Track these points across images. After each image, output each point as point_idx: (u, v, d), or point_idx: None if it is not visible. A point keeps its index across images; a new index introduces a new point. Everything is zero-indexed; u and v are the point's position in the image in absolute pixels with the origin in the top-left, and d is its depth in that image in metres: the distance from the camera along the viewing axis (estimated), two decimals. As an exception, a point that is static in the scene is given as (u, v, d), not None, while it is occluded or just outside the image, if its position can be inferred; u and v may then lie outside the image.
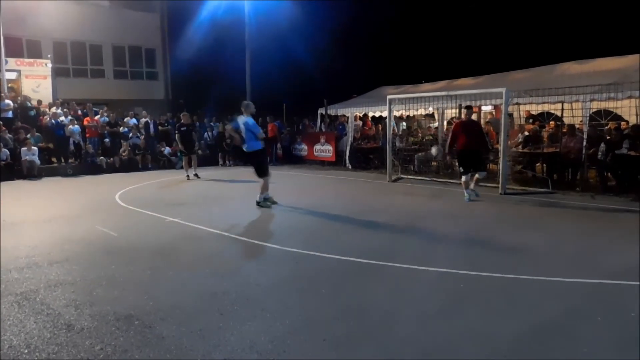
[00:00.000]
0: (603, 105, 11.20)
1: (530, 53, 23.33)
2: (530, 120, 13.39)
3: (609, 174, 10.32)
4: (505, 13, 30.62)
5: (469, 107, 10.15)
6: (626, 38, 22.53)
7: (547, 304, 4.13)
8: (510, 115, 11.94)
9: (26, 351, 3.38)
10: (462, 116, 10.54)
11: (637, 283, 4.53)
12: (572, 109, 11.31)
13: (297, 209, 9.00)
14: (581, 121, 11.07)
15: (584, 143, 10.41)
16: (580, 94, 10.46)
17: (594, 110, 11.32)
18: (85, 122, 16.73)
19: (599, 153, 10.18)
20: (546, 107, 12.76)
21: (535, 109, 12.81)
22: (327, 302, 4.27)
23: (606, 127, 11.93)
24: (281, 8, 25.33)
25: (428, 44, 33.19)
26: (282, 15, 26.19)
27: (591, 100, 10.49)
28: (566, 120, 11.63)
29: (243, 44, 22.86)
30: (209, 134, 19.29)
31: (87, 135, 16.54)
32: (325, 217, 8.18)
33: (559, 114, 12.12)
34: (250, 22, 22.81)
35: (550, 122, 12.64)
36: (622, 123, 11.68)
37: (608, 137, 10.70)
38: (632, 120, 11.68)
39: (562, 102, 11.19)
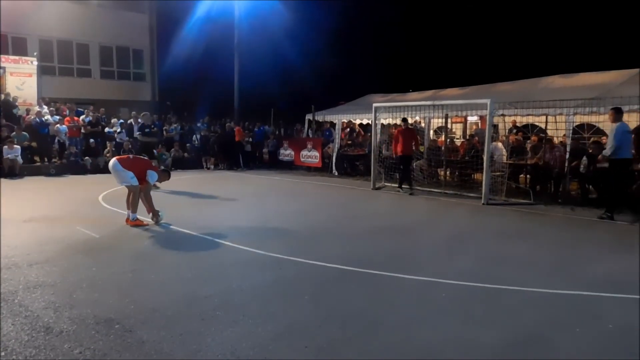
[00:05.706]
0: (586, 119, 11.40)
1: (516, 66, 23.70)
2: (514, 131, 13.56)
3: (590, 186, 10.49)
4: (493, 26, 31.11)
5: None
6: (609, 53, 23.06)
7: (527, 314, 4.17)
8: (495, 127, 12.08)
9: (3, 354, 3.32)
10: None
11: (614, 295, 4.62)
12: (555, 122, 11.51)
13: (281, 215, 8.99)
14: (564, 134, 11.25)
15: (567, 156, 10.58)
16: (563, 107, 10.66)
17: (577, 123, 11.51)
18: (66, 123, 16.59)
19: (581, 166, 10.36)
20: (531, 119, 12.96)
21: (520, 121, 12.97)
22: (310, 308, 4.27)
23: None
24: (271, 13, 25.41)
25: (417, 54, 33.58)
26: (271, 19, 26.28)
27: (574, 114, 10.68)
28: (550, 133, 11.81)
29: (232, 48, 22.88)
30: (196, 136, 19.14)
31: (68, 134, 16.43)
32: (310, 223, 8.19)
33: (543, 126, 12.32)
34: (240, 25, 22.85)
35: (534, 136, 12.82)
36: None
37: (590, 151, 10.88)
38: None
39: (546, 115, 11.37)
